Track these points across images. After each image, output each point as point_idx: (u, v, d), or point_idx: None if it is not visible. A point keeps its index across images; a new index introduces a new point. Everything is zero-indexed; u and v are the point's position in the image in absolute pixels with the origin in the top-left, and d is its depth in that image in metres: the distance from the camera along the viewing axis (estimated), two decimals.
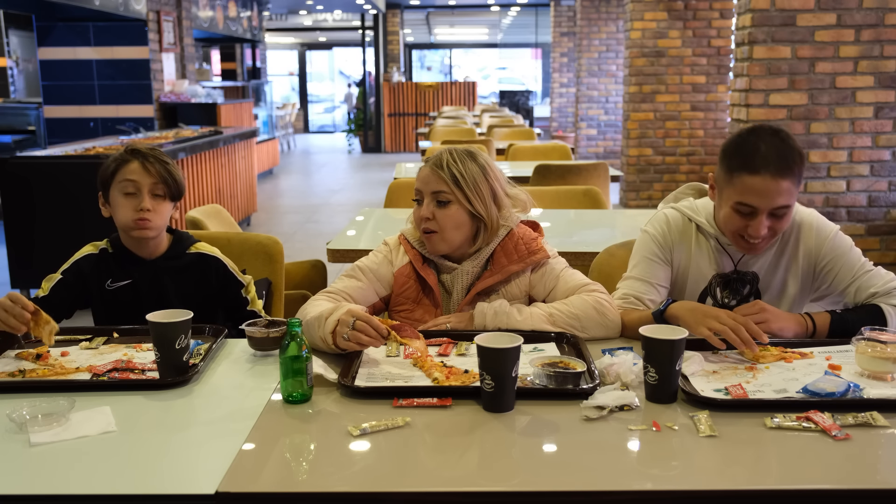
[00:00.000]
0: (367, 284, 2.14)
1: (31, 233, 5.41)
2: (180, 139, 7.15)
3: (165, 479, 1.35)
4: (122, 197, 2.22)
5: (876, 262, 2.12)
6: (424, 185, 2.13)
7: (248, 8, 13.57)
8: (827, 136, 4.64)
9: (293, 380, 1.63)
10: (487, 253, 2.14)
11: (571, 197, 4.15)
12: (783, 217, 1.98)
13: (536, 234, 2.19)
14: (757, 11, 4.54)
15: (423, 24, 21.86)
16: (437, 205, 2.10)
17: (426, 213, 2.11)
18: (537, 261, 2.13)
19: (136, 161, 2.23)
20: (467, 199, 2.09)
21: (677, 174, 8.30)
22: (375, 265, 2.18)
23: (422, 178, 2.14)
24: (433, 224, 2.10)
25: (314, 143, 20.16)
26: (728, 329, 1.78)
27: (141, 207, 2.20)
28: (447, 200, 2.09)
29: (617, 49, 11.58)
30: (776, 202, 1.94)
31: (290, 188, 11.86)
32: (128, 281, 2.27)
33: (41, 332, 1.88)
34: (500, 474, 1.37)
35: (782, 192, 1.93)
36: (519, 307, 2.03)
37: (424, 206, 2.12)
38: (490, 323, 2.00)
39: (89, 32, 8.88)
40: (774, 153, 1.93)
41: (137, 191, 2.22)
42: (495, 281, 2.11)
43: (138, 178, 2.22)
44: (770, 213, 1.96)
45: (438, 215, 2.09)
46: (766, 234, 1.99)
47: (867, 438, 1.46)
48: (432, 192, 2.11)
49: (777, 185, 1.92)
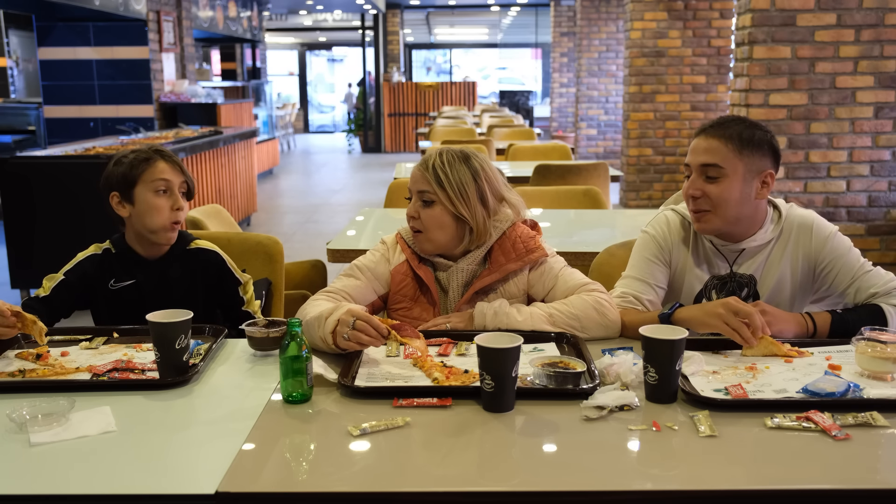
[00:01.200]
0: (365, 283, 2.15)
1: (31, 233, 5.41)
2: (180, 139, 7.15)
3: (165, 479, 1.35)
4: (153, 196, 2.22)
5: (876, 262, 2.12)
6: (413, 184, 2.15)
7: (248, 8, 13.57)
8: (827, 136, 4.64)
9: (293, 380, 1.63)
10: (482, 252, 2.14)
11: (571, 197, 4.15)
12: (717, 184, 2.05)
13: (534, 233, 2.19)
14: (757, 11, 4.54)
15: (423, 24, 21.87)
16: (422, 204, 2.12)
17: (411, 212, 2.14)
18: (535, 259, 2.13)
19: (163, 161, 2.25)
20: (450, 201, 2.09)
21: (677, 174, 8.31)
22: (373, 264, 2.18)
23: (412, 176, 2.17)
24: (418, 223, 2.12)
25: (314, 143, 20.16)
26: (734, 331, 1.83)
27: (177, 207, 2.24)
28: (431, 200, 2.11)
29: (617, 49, 11.57)
30: (700, 158, 2.07)
31: (290, 188, 11.86)
32: (131, 281, 2.28)
33: (31, 331, 1.88)
34: (500, 474, 1.37)
35: (710, 149, 2.05)
36: (519, 307, 2.03)
37: (411, 205, 2.15)
38: (490, 323, 2.00)
39: (89, 32, 8.88)
40: (718, 122, 2.09)
41: (170, 190, 2.24)
42: (493, 280, 2.11)
43: (170, 176, 2.24)
44: (700, 172, 2.07)
45: (423, 214, 2.11)
46: (704, 203, 2.06)
47: (867, 438, 1.46)
48: (418, 192, 2.13)
49: (706, 142, 2.07)
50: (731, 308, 1.83)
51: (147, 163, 2.24)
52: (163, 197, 2.23)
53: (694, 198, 2.07)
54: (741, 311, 1.83)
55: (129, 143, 6.82)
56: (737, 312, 1.83)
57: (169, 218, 2.23)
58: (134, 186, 2.23)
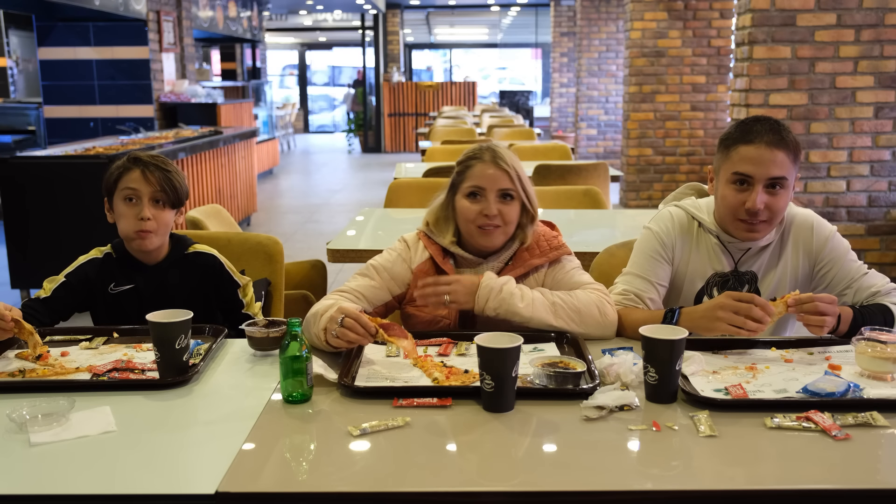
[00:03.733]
0: (380, 283, 2.13)
1: (31, 233, 5.41)
2: (180, 139, 7.14)
3: (165, 479, 1.35)
4: (123, 205, 2.24)
5: (876, 262, 2.13)
6: (490, 182, 2.10)
7: (248, 8, 13.56)
8: (827, 136, 4.64)
9: (293, 380, 1.63)
10: (513, 250, 2.14)
11: (571, 197, 4.15)
12: (779, 195, 2.00)
13: (556, 233, 2.21)
14: (757, 11, 4.54)
15: (423, 24, 21.86)
16: (503, 200, 2.10)
17: (493, 210, 2.08)
18: (558, 256, 2.14)
19: (137, 169, 2.25)
20: (526, 195, 2.11)
21: (677, 174, 8.31)
22: (390, 263, 2.16)
23: (484, 174, 2.10)
24: (498, 219, 2.09)
25: (314, 143, 20.15)
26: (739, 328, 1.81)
27: (141, 216, 2.21)
28: (512, 196, 2.10)
29: (617, 49, 11.58)
30: (771, 171, 1.98)
31: (290, 188, 11.86)
32: (131, 286, 2.28)
33: (27, 340, 1.88)
34: (500, 474, 1.37)
35: (777, 161, 1.98)
36: (522, 291, 1.99)
37: (492, 203, 2.09)
38: (492, 301, 1.95)
39: (89, 32, 8.88)
40: (769, 128, 2.01)
41: (137, 199, 2.23)
42: (517, 274, 2.10)
43: (138, 185, 2.23)
44: (766, 186, 1.99)
45: (504, 210, 2.10)
46: (764, 214, 2.00)
47: (867, 438, 1.46)
48: (500, 189, 2.10)
49: (772, 153, 1.98)
50: (731, 307, 1.83)
51: (122, 171, 2.26)
52: (130, 205, 2.23)
53: (758, 211, 2.00)
54: (741, 307, 1.82)
55: (128, 143, 6.82)
56: (737, 311, 1.82)
57: (133, 227, 2.22)
58: (112, 194, 2.28)
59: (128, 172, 2.25)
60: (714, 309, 1.86)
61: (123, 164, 2.28)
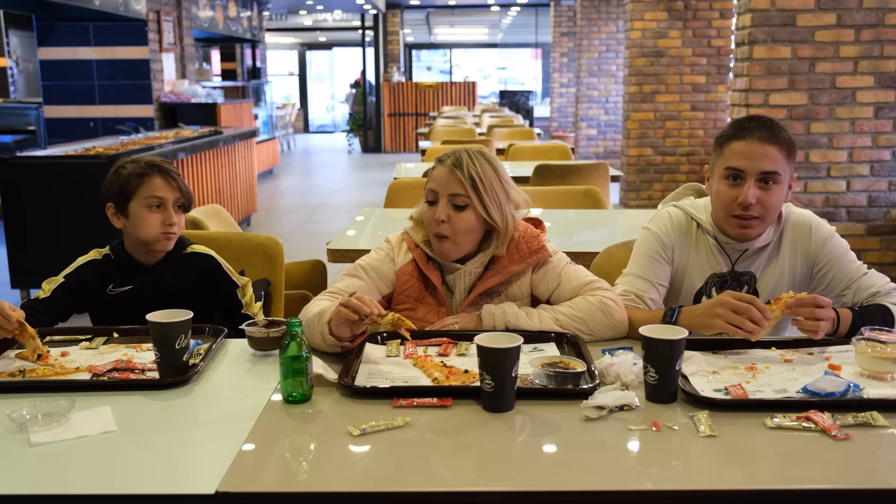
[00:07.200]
0: (369, 283, 2.12)
1: (31, 233, 5.41)
2: (180, 139, 7.14)
3: (165, 479, 1.35)
4: (146, 211, 2.24)
5: (876, 262, 2.13)
6: (440, 186, 2.05)
7: (248, 8, 13.56)
8: (827, 136, 4.64)
9: (293, 380, 1.63)
10: (489, 255, 2.10)
11: (571, 197, 4.15)
12: (772, 191, 2.01)
13: (538, 232, 2.15)
14: (757, 11, 4.54)
15: (423, 24, 21.86)
16: (452, 208, 2.04)
17: (441, 216, 2.03)
18: (538, 261, 2.10)
19: (159, 177, 2.26)
20: (483, 205, 2.03)
21: (677, 174, 8.31)
22: (377, 263, 2.16)
23: (438, 178, 2.06)
24: (446, 228, 2.03)
25: (314, 142, 20.15)
26: (737, 328, 1.81)
27: (170, 222, 2.25)
28: (464, 204, 2.03)
29: (617, 49, 11.58)
30: (762, 165, 1.99)
31: (290, 188, 11.86)
32: (129, 287, 2.29)
33: (26, 343, 1.87)
34: (500, 474, 1.37)
35: (768, 156, 1.99)
36: (528, 311, 2.00)
37: (440, 209, 2.04)
38: (499, 324, 1.98)
39: (89, 32, 8.88)
40: (762, 124, 2.03)
41: (164, 206, 2.25)
42: (497, 282, 2.08)
43: (164, 193, 2.25)
44: (758, 180, 2.00)
45: (453, 219, 2.03)
46: (756, 210, 2.01)
47: (867, 438, 1.46)
48: (449, 195, 2.04)
49: (763, 148, 2.00)
50: (730, 306, 1.83)
51: (142, 178, 2.25)
52: (156, 212, 2.25)
53: (749, 205, 2.01)
54: (740, 307, 1.82)
55: (128, 144, 6.81)
56: (736, 310, 1.82)
57: (161, 230, 2.25)
58: (129, 201, 2.25)
59: (150, 179, 2.25)
60: (714, 306, 1.86)
61: (142, 170, 2.26)
